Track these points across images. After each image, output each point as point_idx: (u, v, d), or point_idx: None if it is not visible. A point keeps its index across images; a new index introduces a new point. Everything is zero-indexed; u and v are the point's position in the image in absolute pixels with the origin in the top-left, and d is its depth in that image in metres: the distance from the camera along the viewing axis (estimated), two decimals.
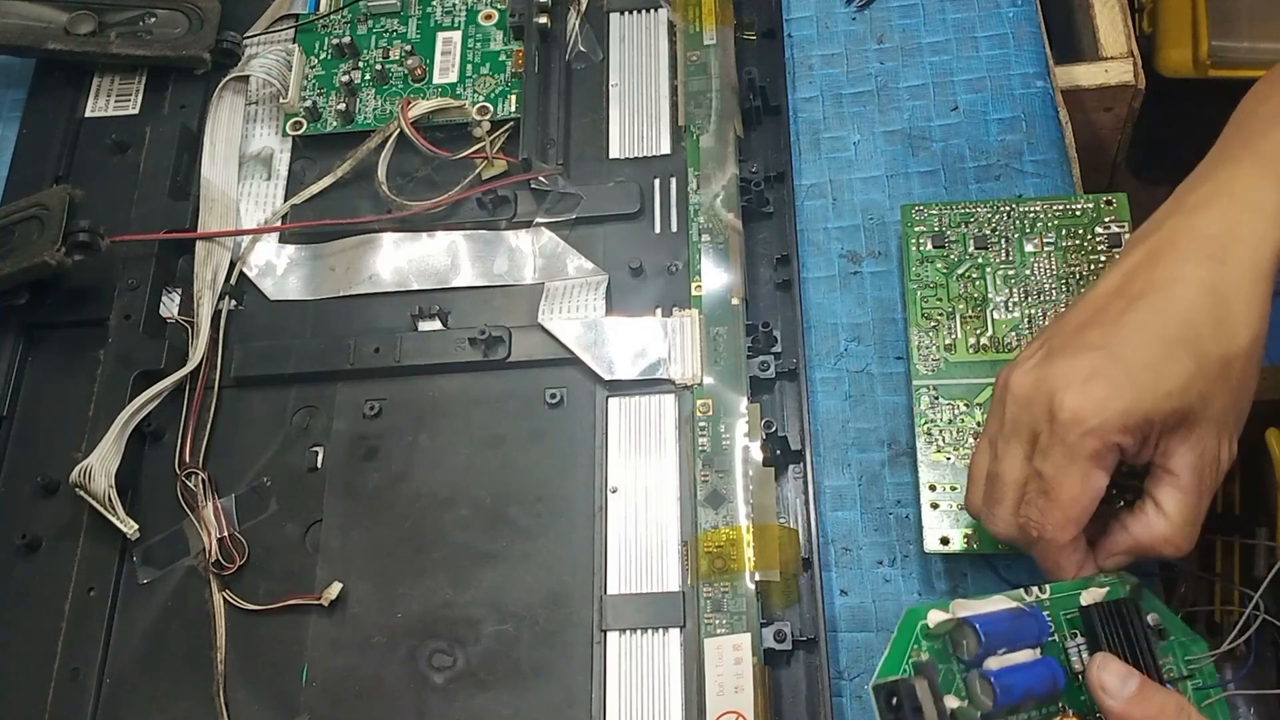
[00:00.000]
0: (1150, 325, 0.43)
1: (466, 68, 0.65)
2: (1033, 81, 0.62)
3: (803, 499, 0.53)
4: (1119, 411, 0.42)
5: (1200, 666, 0.44)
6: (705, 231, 0.58)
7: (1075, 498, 0.43)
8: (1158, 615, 0.45)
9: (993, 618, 0.43)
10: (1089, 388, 0.42)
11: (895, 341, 0.57)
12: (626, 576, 0.52)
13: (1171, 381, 0.42)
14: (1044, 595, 0.45)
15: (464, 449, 0.56)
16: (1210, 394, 0.42)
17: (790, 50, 0.65)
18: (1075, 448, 0.42)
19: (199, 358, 0.59)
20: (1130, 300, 0.44)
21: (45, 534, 0.56)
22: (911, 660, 0.43)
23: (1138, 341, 0.43)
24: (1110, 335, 0.43)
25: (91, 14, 0.66)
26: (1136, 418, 0.42)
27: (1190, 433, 0.42)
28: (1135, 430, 0.42)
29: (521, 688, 0.51)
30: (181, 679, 0.53)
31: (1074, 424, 0.42)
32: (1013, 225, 0.56)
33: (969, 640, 0.42)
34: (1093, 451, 0.42)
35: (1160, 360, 0.42)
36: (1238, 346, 0.42)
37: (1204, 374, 0.42)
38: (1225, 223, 0.44)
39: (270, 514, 0.56)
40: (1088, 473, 0.42)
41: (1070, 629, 0.44)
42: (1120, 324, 0.43)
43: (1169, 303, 0.43)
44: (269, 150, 0.65)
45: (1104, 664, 0.42)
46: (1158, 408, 0.42)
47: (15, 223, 0.59)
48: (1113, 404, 0.42)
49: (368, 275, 0.61)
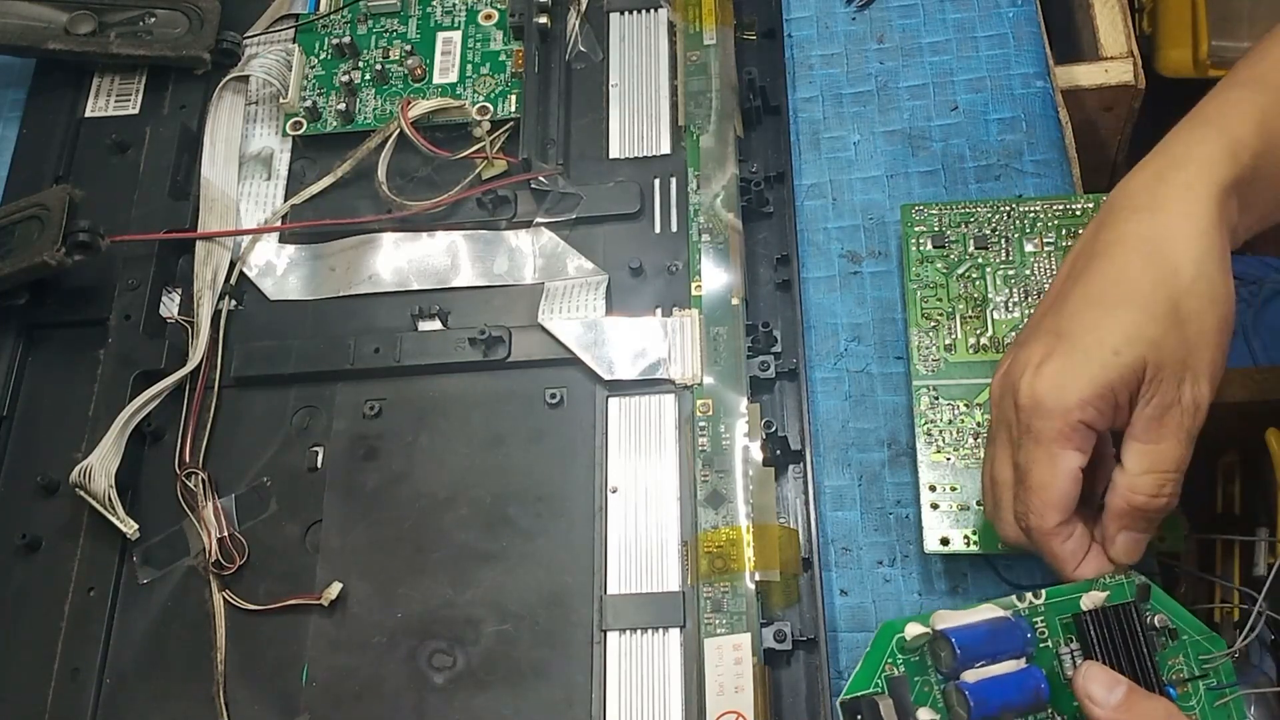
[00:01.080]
0: (1090, 293, 0.43)
1: (466, 68, 0.65)
2: (1033, 81, 0.62)
3: (803, 499, 0.53)
4: (1072, 388, 0.42)
5: (1216, 665, 0.44)
6: (705, 231, 0.58)
7: (1047, 482, 0.43)
8: (1167, 615, 0.44)
9: (970, 630, 0.43)
10: (1041, 371, 0.43)
11: (895, 341, 0.57)
12: (626, 576, 0.52)
13: (1117, 337, 0.42)
14: (1039, 601, 0.44)
15: (464, 449, 0.56)
16: (1162, 339, 0.42)
17: (790, 50, 0.65)
18: (1039, 432, 0.42)
19: (199, 358, 0.59)
20: (1076, 277, 0.45)
21: (45, 534, 0.56)
22: (884, 675, 0.43)
23: (1080, 312, 0.43)
24: (1060, 317, 0.44)
25: (91, 14, 0.66)
26: (1092, 388, 0.42)
27: (1146, 383, 0.42)
28: (1096, 401, 0.42)
29: (521, 688, 0.51)
30: (181, 679, 0.53)
31: (1033, 409, 0.42)
32: (1013, 225, 0.56)
33: (945, 653, 0.42)
34: (1056, 432, 0.42)
35: (1102, 322, 0.42)
36: (1181, 283, 0.42)
37: (1152, 319, 0.42)
38: (1154, 176, 0.44)
39: (270, 514, 0.56)
40: (1054, 455, 0.42)
41: (1065, 634, 0.44)
42: (1067, 301, 0.44)
43: (1108, 266, 0.44)
44: (269, 150, 0.65)
45: (1089, 673, 0.41)
46: (1110, 369, 0.42)
47: (15, 223, 0.59)
48: (1065, 380, 0.42)
49: (368, 275, 0.61)
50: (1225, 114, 0.45)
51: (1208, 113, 0.46)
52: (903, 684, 0.42)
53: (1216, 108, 0.46)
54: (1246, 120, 0.44)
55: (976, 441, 0.52)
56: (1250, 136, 0.44)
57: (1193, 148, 0.44)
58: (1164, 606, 0.45)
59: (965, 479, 0.51)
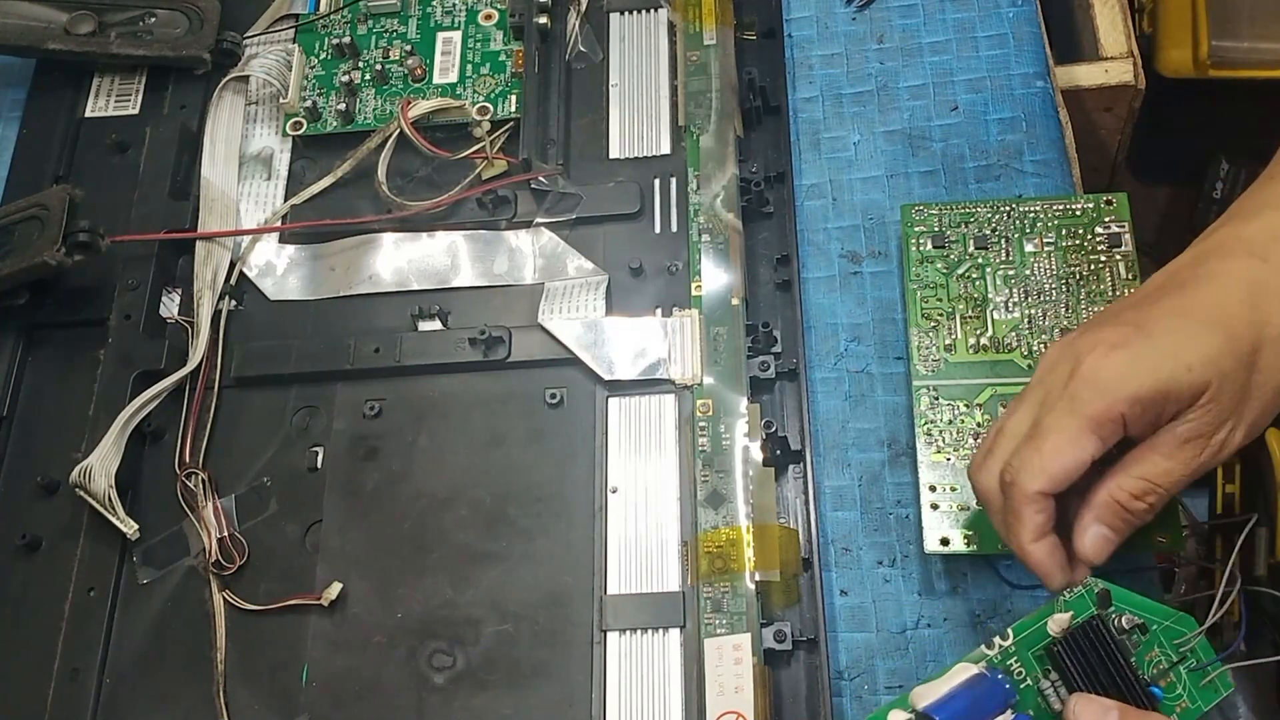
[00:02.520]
0: (1184, 307, 0.44)
1: (466, 68, 0.65)
2: (1033, 81, 0.62)
3: (803, 499, 0.53)
4: (1135, 379, 0.42)
5: (1191, 645, 0.44)
6: (705, 231, 0.58)
7: (1058, 450, 0.42)
8: (1133, 612, 0.45)
9: (951, 703, 0.42)
10: (1112, 354, 0.42)
11: (895, 341, 0.57)
12: (626, 576, 0.52)
13: (1195, 355, 0.42)
14: (1007, 642, 0.44)
15: (464, 449, 0.56)
16: (1232, 374, 0.42)
17: (790, 50, 0.65)
18: (1080, 404, 0.42)
19: (199, 358, 0.59)
20: (1171, 290, 0.45)
21: (45, 534, 0.56)
22: None
23: (1169, 319, 0.43)
24: (1144, 314, 0.44)
25: (91, 14, 0.66)
26: (1152, 388, 0.42)
27: (1195, 408, 0.42)
28: (1145, 401, 0.42)
29: (521, 688, 0.51)
30: (181, 679, 0.53)
31: (1087, 382, 0.42)
32: (1013, 225, 0.56)
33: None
34: (1096, 413, 0.42)
35: (1187, 336, 0.42)
36: (1269, 333, 0.43)
37: (1231, 352, 0.42)
38: (1270, 228, 0.45)
39: (270, 514, 0.56)
40: (1081, 432, 0.42)
41: (1042, 668, 0.44)
42: (1156, 305, 0.44)
43: (1207, 290, 0.44)
44: (269, 150, 0.65)
45: (1080, 706, 0.42)
46: (1176, 380, 0.42)
47: (15, 223, 0.59)
48: (1131, 371, 0.42)
49: (368, 275, 0.61)
50: None
51: None
52: None
53: None
54: None
55: (976, 441, 0.52)
56: None
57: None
58: (1128, 603, 0.45)
59: (965, 479, 0.51)
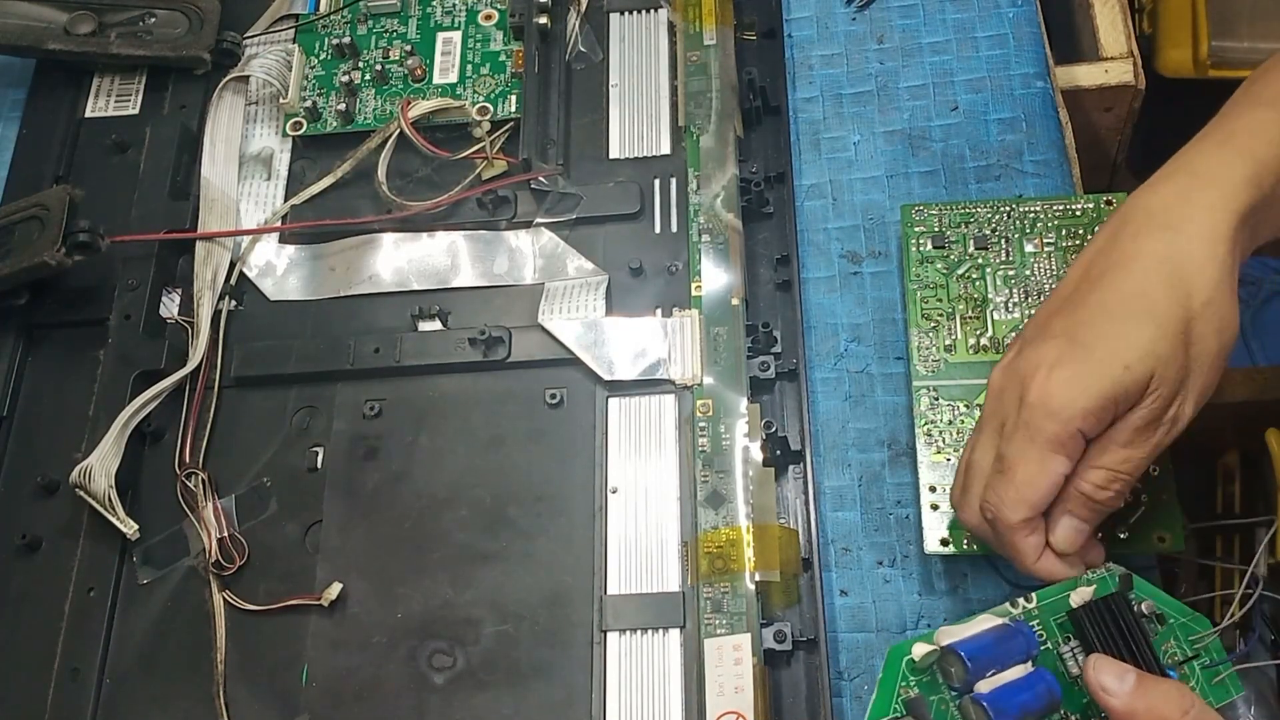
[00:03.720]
0: (1108, 304, 0.44)
1: (466, 68, 0.65)
2: (1033, 81, 0.62)
3: (803, 499, 0.53)
4: (1081, 395, 0.42)
5: (1206, 643, 0.44)
6: (705, 232, 0.58)
7: (1030, 479, 0.43)
8: (1153, 601, 0.45)
9: (976, 641, 0.43)
10: (1053, 374, 0.43)
11: (895, 342, 0.57)
12: (626, 576, 0.52)
13: (1130, 352, 0.43)
14: (1031, 605, 0.45)
15: (464, 449, 0.56)
16: (1170, 356, 0.43)
17: (790, 50, 0.65)
18: (1037, 430, 0.43)
19: (199, 358, 0.59)
20: (1092, 283, 0.45)
21: (45, 534, 0.56)
22: (900, 698, 0.43)
23: (1097, 322, 0.44)
24: (1074, 321, 0.44)
25: (91, 14, 0.66)
26: (1099, 399, 0.42)
27: (1144, 396, 0.43)
28: (1098, 412, 0.43)
29: (521, 688, 0.51)
30: (181, 679, 0.53)
31: (1037, 407, 0.43)
32: (1013, 225, 0.56)
33: (956, 668, 0.43)
34: (1053, 435, 0.43)
35: (1118, 335, 0.43)
36: (1195, 305, 0.43)
37: (1164, 336, 0.43)
38: (1178, 194, 0.45)
39: (270, 514, 0.56)
40: (1046, 456, 0.43)
41: (1063, 634, 0.45)
42: (1083, 307, 0.44)
43: (1125, 279, 0.44)
44: (269, 150, 0.65)
45: (1099, 665, 0.42)
46: (1119, 383, 0.42)
47: (15, 223, 0.59)
48: (1075, 387, 0.43)
49: (368, 275, 0.61)
50: (1253, 136, 0.46)
51: (1235, 131, 0.46)
52: (921, 703, 0.42)
53: (1245, 128, 0.46)
54: (1273, 145, 0.45)
55: None
56: (1275, 161, 0.45)
57: (1217, 169, 0.45)
58: (1148, 594, 0.45)
59: None
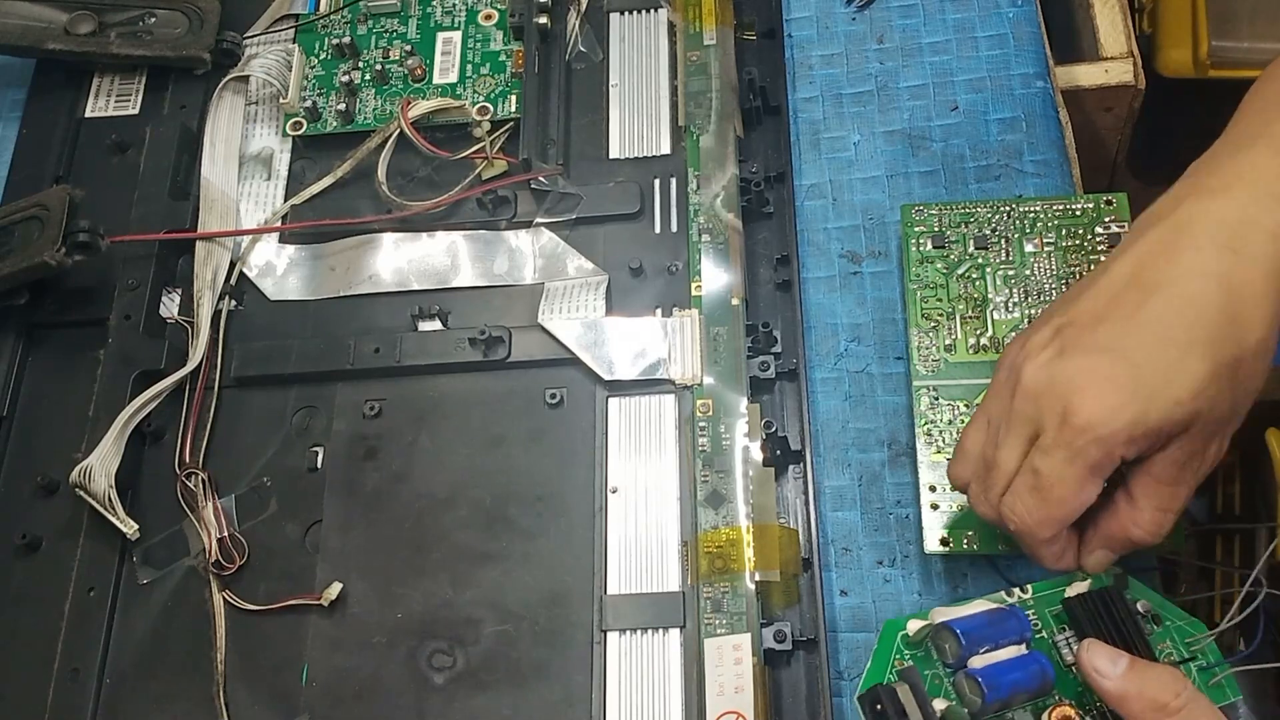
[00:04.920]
0: (1164, 324, 0.42)
1: (466, 68, 0.65)
2: (1033, 81, 0.62)
3: (803, 499, 0.53)
4: (1129, 422, 0.41)
5: (1202, 646, 0.45)
6: (705, 231, 0.58)
7: (1064, 500, 0.43)
8: (1149, 602, 0.45)
9: (971, 619, 0.43)
10: (1103, 395, 0.41)
11: (895, 342, 0.57)
12: (626, 576, 0.52)
13: (1184, 389, 0.41)
14: (1026, 595, 0.46)
15: (464, 449, 0.56)
16: (1219, 397, 0.42)
17: (790, 50, 0.65)
18: (1080, 453, 0.42)
19: (199, 358, 0.59)
20: (1145, 293, 0.43)
21: (45, 534, 0.56)
22: (895, 669, 0.44)
23: (1152, 344, 0.42)
24: (1124, 334, 0.42)
25: (91, 14, 0.66)
26: (1145, 429, 0.41)
27: (1186, 431, 0.42)
28: (1141, 440, 0.42)
29: (521, 688, 0.51)
30: (181, 679, 0.53)
31: (1084, 430, 0.41)
32: (1013, 225, 0.56)
33: (949, 643, 0.43)
34: (1095, 460, 0.42)
35: (1174, 365, 0.41)
36: (1247, 346, 0.42)
37: (1215, 378, 0.41)
38: (1241, 210, 0.43)
39: (270, 514, 0.56)
40: (1084, 480, 0.42)
41: (1057, 624, 0.45)
42: (1135, 321, 0.42)
43: (1183, 301, 0.42)
44: (269, 150, 0.65)
45: (1092, 648, 0.42)
46: (1168, 417, 0.41)
47: (15, 223, 0.59)
48: (1124, 414, 0.41)
49: (368, 275, 0.61)
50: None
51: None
52: (914, 673, 0.43)
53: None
54: None
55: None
56: None
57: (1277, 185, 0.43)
58: (1141, 595, 0.46)
59: None
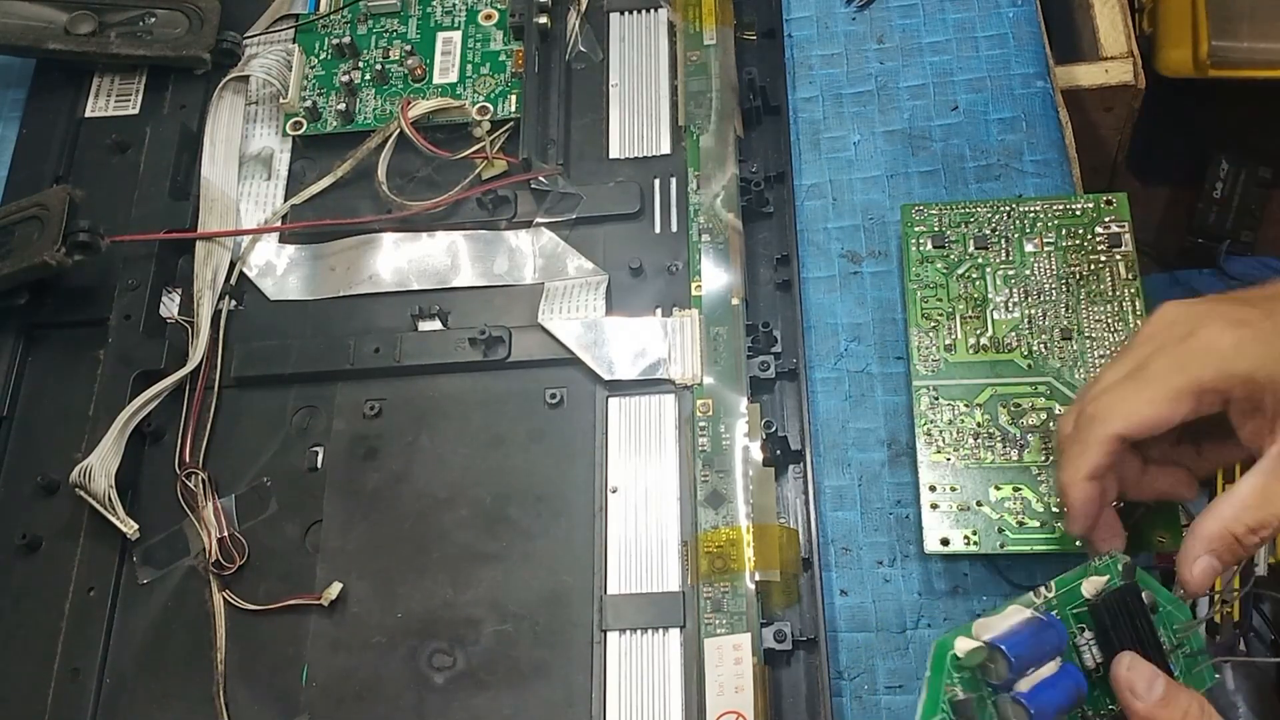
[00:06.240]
0: None
1: (466, 68, 0.65)
2: (1033, 81, 0.62)
3: (803, 499, 0.53)
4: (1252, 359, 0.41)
5: (1188, 634, 0.44)
6: (705, 231, 0.58)
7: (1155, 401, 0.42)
8: (1150, 590, 0.45)
9: (1018, 638, 0.42)
10: (1233, 329, 0.42)
11: (895, 341, 0.57)
12: (626, 576, 0.52)
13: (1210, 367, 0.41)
14: (1050, 594, 0.44)
15: (464, 449, 0.56)
16: None
17: (790, 50, 0.65)
18: (1193, 366, 0.42)
19: (199, 358, 0.59)
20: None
21: (45, 534, 0.56)
22: (947, 698, 0.42)
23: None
24: (1268, 301, 0.43)
25: (91, 14, 0.66)
26: (1266, 374, 0.41)
27: None
28: (1255, 386, 0.41)
29: (521, 688, 0.51)
30: (181, 679, 0.53)
31: (1204, 349, 0.42)
32: (1013, 225, 0.56)
33: (999, 665, 0.41)
34: (1205, 380, 0.42)
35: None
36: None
37: None
38: None
39: (270, 514, 0.56)
40: (1184, 392, 0.42)
41: (1077, 624, 0.44)
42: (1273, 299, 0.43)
43: None
44: (269, 150, 0.65)
45: (1133, 665, 0.41)
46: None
47: (15, 223, 0.59)
48: (1250, 351, 0.41)
49: (368, 275, 0.61)
50: None
51: None
52: (968, 706, 0.41)
53: None
54: None
55: (976, 441, 0.52)
56: None
57: None
58: (1145, 584, 0.45)
59: (965, 479, 0.51)
